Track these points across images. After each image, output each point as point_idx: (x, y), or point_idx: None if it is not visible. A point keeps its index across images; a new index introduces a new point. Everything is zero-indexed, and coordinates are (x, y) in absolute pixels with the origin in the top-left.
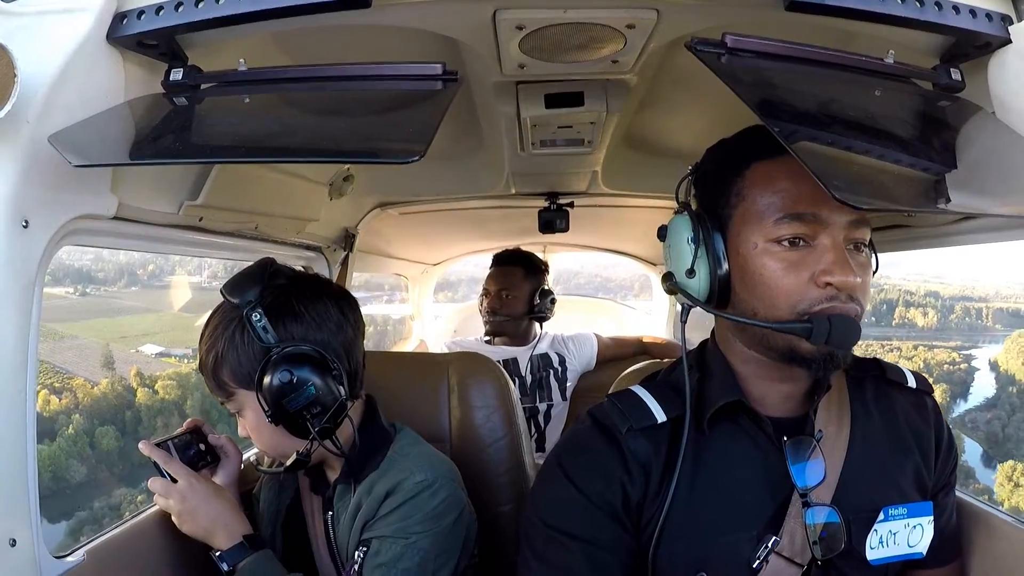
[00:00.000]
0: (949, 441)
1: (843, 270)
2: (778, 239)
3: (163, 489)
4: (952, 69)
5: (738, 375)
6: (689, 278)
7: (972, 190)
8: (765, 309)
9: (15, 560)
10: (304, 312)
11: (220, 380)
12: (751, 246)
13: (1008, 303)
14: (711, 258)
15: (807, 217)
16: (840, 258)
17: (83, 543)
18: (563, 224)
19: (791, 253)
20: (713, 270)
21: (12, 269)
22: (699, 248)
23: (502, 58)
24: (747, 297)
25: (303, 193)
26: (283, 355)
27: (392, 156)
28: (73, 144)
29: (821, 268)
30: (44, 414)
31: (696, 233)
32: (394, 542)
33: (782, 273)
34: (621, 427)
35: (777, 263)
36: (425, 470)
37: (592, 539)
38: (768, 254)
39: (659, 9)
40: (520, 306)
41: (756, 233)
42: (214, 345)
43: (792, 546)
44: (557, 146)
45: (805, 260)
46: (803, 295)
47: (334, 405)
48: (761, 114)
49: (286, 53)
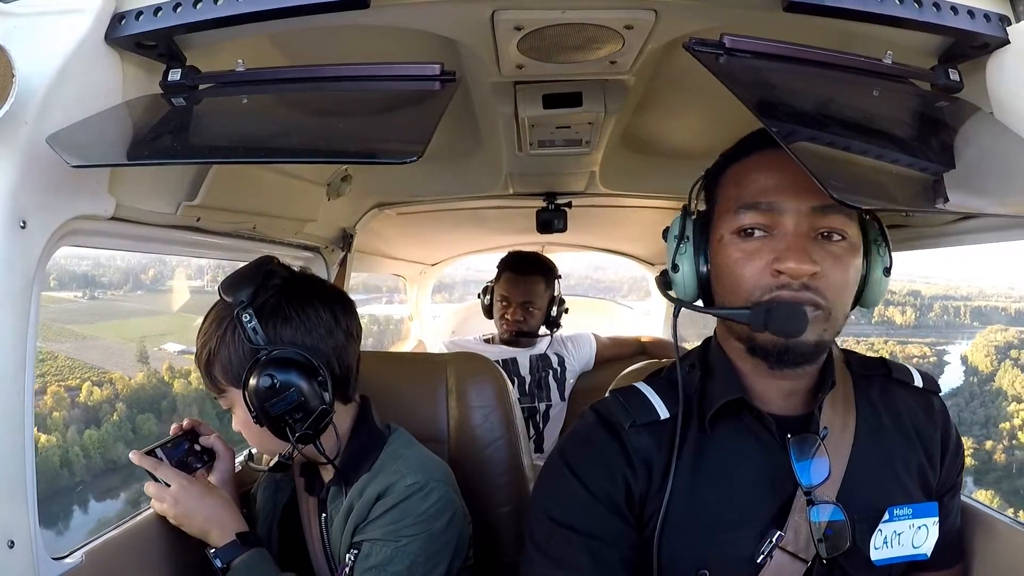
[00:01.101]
0: (956, 442)
1: (796, 257)
2: (738, 230)
3: (157, 493)
4: (950, 70)
5: (740, 372)
6: (674, 273)
7: (970, 190)
8: (730, 300)
9: (14, 561)
10: (294, 315)
11: (212, 376)
12: (718, 239)
13: (988, 302)
14: (694, 255)
15: (762, 206)
16: (795, 245)
17: (81, 544)
18: (561, 224)
19: (749, 243)
20: (696, 267)
21: (10, 270)
22: (681, 244)
23: (500, 58)
24: (719, 290)
25: (301, 193)
26: (269, 359)
27: (390, 156)
28: (71, 145)
29: (774, 256)
30: (89, 404)
31: (682, 230)
32: (384, 544)
33: (741, 263)
34: (624, 422)
35: (737, 253)
36: (417, 472)
37: (594, 533)
38: (731, 245)
39: (657, 10)
40: (541, 317)
41: (723, 226)
42: (207, 341)
43: (796, 541)
44: (555, 146)
45: (762, 249)
46: (757, 284)
47: (316, 411)
48: (759, 114)
49: (284, 54)
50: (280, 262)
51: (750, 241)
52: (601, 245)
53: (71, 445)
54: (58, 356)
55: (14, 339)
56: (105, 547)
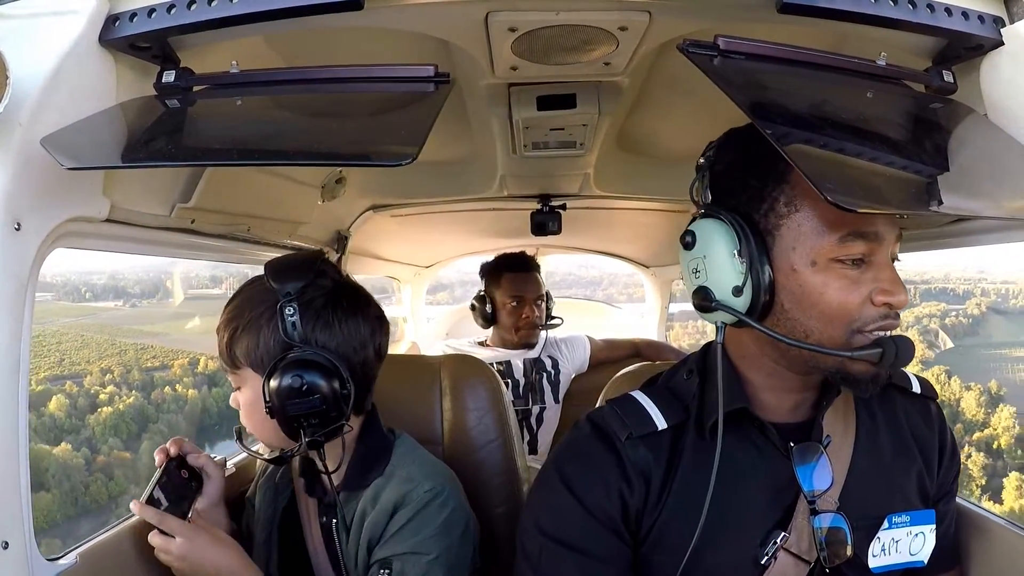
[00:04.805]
0: (952, 448)
1: (899, 288)
2: (842, 257)
3: (163, 546)
4: (944, 71)
5: (746, 382)
6: (736, 296)
7: (964, 192)
8: (819, 328)
9: (7, 563)
10: (336, 322)
11: (232, 352)
12: (808, 262)
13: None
14: (757, 274)
15: (870, 235)
16: (894, 276)
17: (75, 546)
18: (555, 226)
19: (853, 271)
20: (759, 286)
21: (4, 272)
22: (746, 263)
23: (494, 60)
24: (799, 316)
25: (295, 195)
26: (302, 358)
27: (384, 158)
28: (65, 146)
29: (880, 287)
30: (207, 373)
31: (741, 246)
32: (416, 559)
33: (844, 293)
34: (621, 434)
35: (839, 282)
36: (431, 478)
37: (586, 550)
38: (829, 272)
39: (651, 11)
40: (544, 312)
41: (815, 250)
42: (238, 317)
43: (800, 543)
44: (549, 148)
45: (863, 278)
46: (860, 314)
47: (333, 422)
48: (753, 116)
49: (279, 55)
50: (331, 262)
51: (854, 270)
52: (596, 247)
53: (205, 398)
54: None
55: (8, 341)
56: (99, 548)
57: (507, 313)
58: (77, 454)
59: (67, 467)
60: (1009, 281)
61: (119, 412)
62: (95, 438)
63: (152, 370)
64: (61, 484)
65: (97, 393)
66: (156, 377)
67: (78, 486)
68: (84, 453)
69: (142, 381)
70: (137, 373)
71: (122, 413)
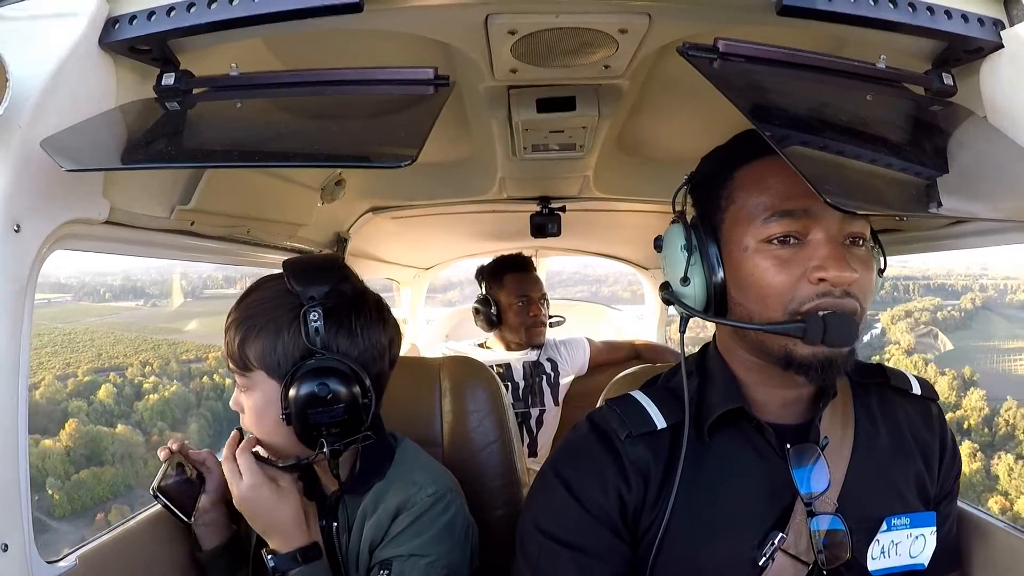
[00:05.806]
0: (953, 449)
1: (837, 264)
2: (769, 238)
3: (232, 479)
4: (944, 74)
5: (740, 381)
6: (684, 286)
7: (963, 194)
8: (759, 311)
9: (7, 565)
10: (358, 331)
11: (243, 353)
12: (742, 248)
13: (949, 280)
14: (705, 265)
15: (797, 213)
16: (834, 252)
17: (75, 548)
18: (555, 228)
19: (782, 251)
20: (708, 277)
21: (4, 274)
22: (692, 255)
23: (494, 63)
24: (742, 301)
25: (295, 197)
26: (326, 365)
27: (384, 160)
28: (65, 149)
29: (814, 264)
30: None
31: (689, 240)
32: (416, 560)
33: (774, 272)
34: (620, 433)
35: (769, 262)
36: (434, 482)
37: (584, 548)
38: (759, 254)
39: (651, 14)
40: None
41: (747, 234)
42: (253, 318)
43: (798, 544)
44: (549, 151)
45: (797, 257)
46: (794, 293)
47: (353, 432)
48: (753, 119)
49: (278, 58)
50: (350, 267)
51: (784, 249)
52: (595, 249)
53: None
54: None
55: (8, 343)
56: (98, 551)
57: (515, 313)
58: (136, 433)
59: (128, 444)
60: (1011, 277)
61: (164, 399)
62: (144, 422)
63: (189, 362)
64: (123, 460)
65: (140, 383)
66: (193, 368)
67: (138, 461)
68: (137, 435)
69: (180, 372)
70: (175, 365)
71: (167, 400)
